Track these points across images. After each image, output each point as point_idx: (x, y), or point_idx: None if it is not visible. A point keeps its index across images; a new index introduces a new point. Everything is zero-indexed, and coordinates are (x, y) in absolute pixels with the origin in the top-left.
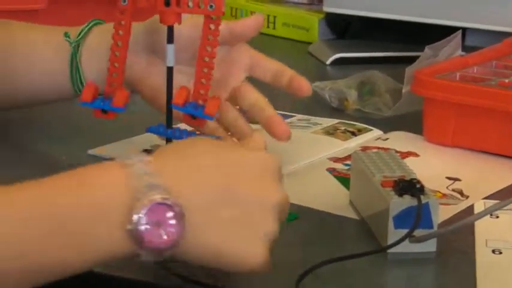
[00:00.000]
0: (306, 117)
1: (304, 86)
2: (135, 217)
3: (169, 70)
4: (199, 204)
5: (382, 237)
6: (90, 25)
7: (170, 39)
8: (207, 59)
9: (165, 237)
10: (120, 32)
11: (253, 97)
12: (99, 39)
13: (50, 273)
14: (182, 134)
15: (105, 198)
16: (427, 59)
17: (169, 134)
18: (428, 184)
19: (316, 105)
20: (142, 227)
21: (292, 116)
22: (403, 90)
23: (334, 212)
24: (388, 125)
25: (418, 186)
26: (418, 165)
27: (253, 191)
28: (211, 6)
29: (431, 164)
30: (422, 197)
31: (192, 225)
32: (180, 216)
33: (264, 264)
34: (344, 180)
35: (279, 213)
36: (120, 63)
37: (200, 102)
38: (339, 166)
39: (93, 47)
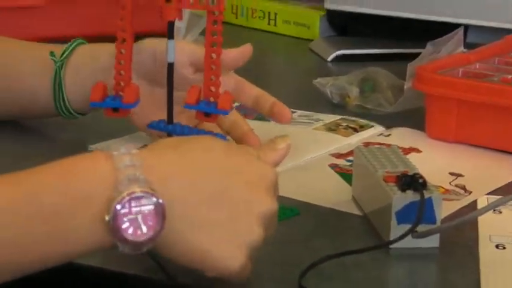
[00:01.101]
0: (307, 113)
1: (286, 113)
2: (113, 209)
3: (170, 66)
4: (186, 201)
5: (384, 232)
6: (73, 45)
7: (171, 35)
8: (214, 56)
9: (144, 230)
10: (123, 29)
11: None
12: (82, 60)
13: (30, 264)
14: (183, 130)
15: (87, 190)
16: (429, 55)
17: (170, 129)
18: (431, 180)
19: (317, 102)
20: (120, 219)
21: (293, 112)
22: (405, 87)
23: (337, 207)
24: (390, 121)
25: (420, 181)
26: (421, 161)
27: (245, 196)
28: (212, 2)
29: (434, 159)
30: (425, 192)
31: (174, 221)
32: (160, 211)
33: (242, 271)
34: (346, 176)
35: (267, 225)
36: (127, 60)
37: (212, 99)
38: (341, 162)
39: (76, 67)
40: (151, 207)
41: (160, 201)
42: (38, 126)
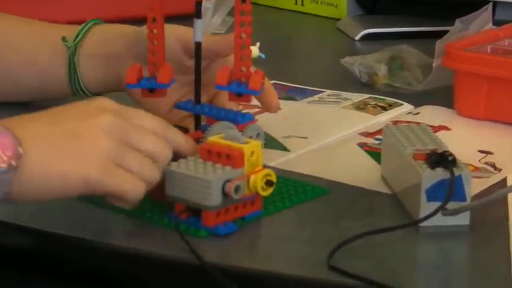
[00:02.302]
0: (335, 92)
1: (273, 104)
2: None
3: (198, 45)
4: (41, 137)
5: (414, 210)
6: (88, 26)
7: (198, 15)
8: (243, 36)
9: (4, 158)
10: (153, 9)
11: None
12: (96, 41)
13: None
14: (211, 110)
15: None
16: (457, 32)
17: (198, 110)
18: (460, 158)
19: (345, 81)
20: None
21: (321, 92)
22: (434, 64)
23: (366, 186)
24: (418, 99)
25: (450, 158)
26: (450, 139)
27: (81, 117)
28: None
29: (463, 137)
30: (454, 169)
31: (27, 153)
32: (14, 141)
33: (99, 181)
34: (375, 154)
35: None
36: (159, 40)
37: (243, 79)
38: (369, 141)
39: (90, 51)
40: (7, 140)
41: (14, 134)
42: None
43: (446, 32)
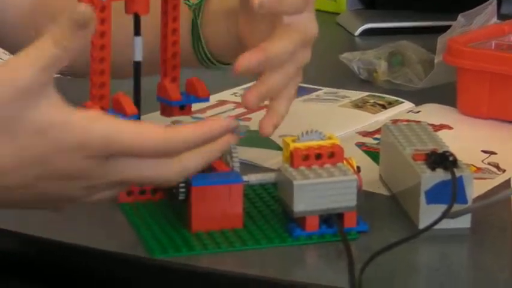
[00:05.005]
0: (333, 90)
1: (266, 128)
2: None
3: (137, 65)
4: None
5: (413, 213)
6: None
7: (138, 31)
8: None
9: None
10: None
11: None
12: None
13: None
14: None
15: None
16: (460, 27)
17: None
18: (462, 158)
19: (343, 78)
20: None
21: (318, 90)
22: (436, 60)
23: (364, 187)
24: (419, 97)
25: (451, 159)
26: (452, 139)
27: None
28: None
29: (466, 137)
30: (455, 170)
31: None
32: None
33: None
34: (374, 154)
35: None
36: None
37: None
38: (368, 140)
39: (214, 9)
40: None
41: None
42: None
43: (448, 27)
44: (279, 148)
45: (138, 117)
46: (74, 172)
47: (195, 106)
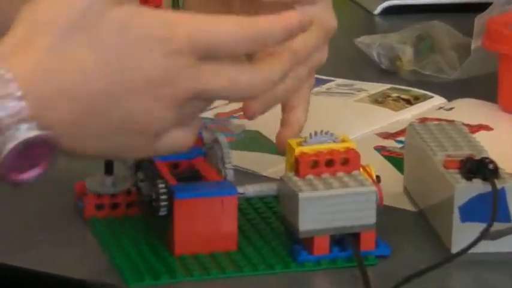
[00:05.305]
0: (347, 81)
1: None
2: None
3: None
4: (69, 119)
5: (445, 233)
6: None
7: None
8: None
9: (36, 169)
10: None
11: None
12: None
13: None
14: None
15: None
16: (501, 5)
17: None
18: (504, 165)
19: (360, 67)
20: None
21: (330, 81)
22: (472, 46)
23: (385, 202)
24: (453, 90)
25: (491, 167)
26: (491, 141)
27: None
28: None
29: (508, 139)
30: (496, 181)
31: (64, 143)
32: (50, 145)
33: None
34: (397, 161)
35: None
36: None
37: None
38: (389, 143)
39: None
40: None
41: (47, 134)
42: None
43: (488, 4)
44: (281, 152)
45: None
46: (161, 73)
47: None
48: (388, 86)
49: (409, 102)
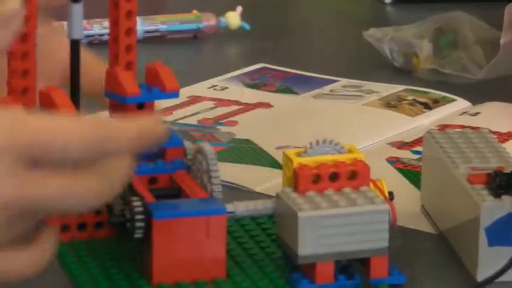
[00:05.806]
0: (354, 82)
1: None
2: None
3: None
4: None
5: (470, 259)
6: None
7: None
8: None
9: None
10: None
11: None
12: None
13: None
14: None
15: None
16: None
17: None
18: None
19: (369, 64)
20: None
21: (334, 81)
22: (502, 41)
23: (399, 222)
24: (478, 92)
25: None
26: None
27: None
28: None
29: None
30: None
31: None
32: None
33: None
34: (413, 175)
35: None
36: None
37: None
38: (405, 154)
39: None
40: None
41: None
42: None
43: None
44: (278, 165)
45: None
46: None
47: (160, 104)
48: (403, 87)
49: (427, 106)
